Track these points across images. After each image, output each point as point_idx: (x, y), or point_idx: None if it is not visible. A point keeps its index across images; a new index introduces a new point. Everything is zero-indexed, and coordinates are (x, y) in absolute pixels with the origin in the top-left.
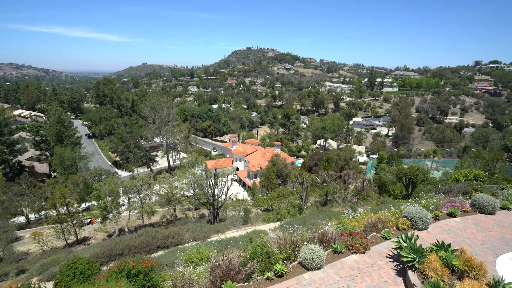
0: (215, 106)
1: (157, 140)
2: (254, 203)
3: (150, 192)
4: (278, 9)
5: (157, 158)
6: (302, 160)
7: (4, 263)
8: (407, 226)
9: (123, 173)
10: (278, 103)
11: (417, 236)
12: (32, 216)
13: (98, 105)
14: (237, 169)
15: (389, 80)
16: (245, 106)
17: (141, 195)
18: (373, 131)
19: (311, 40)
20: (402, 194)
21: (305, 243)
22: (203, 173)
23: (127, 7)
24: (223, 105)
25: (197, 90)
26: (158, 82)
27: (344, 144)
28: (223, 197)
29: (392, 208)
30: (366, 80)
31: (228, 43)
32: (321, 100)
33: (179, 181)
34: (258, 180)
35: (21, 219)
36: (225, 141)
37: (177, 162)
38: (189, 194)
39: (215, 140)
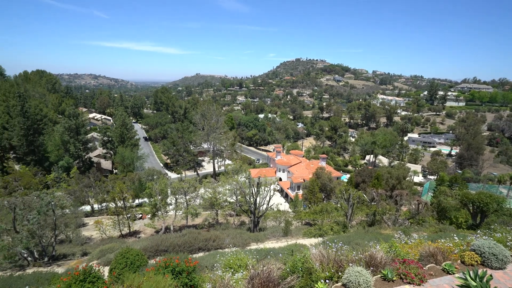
0: (261, 115)
1: (205, 146)
2: (295, 215)
3: (195, 195)
4: (329, 20)
5: (203, 163)
6: (348, 176)
7: (72, 244)
8: (476, 262)
9: (172, 175)
10: (326, 115)
11: (491, 275)
12: (96, 206)
13: (155, 111)
14: (280, 179)
15: (454, 93)
16: (291, 117)
17: (187, 197)
18: (432, 149)
19: (364, 51)
20: (467, 224)
21: (350, 264)
22: (247, 181)
23: (185, 23)
24: (269, 115)
25: (245, 100)
26: (209, 91)
27: (397, 161)
28: (265, 206)
29: (455, 238)
30: (425, 93)
31: (277, 55)
32: (372, 113)
33: (223, 186)
34: (300, 192)
35: (87, 208)
36: (269, 151)
37: (222, 168)
38: (232, 200)
39: (259, 149)
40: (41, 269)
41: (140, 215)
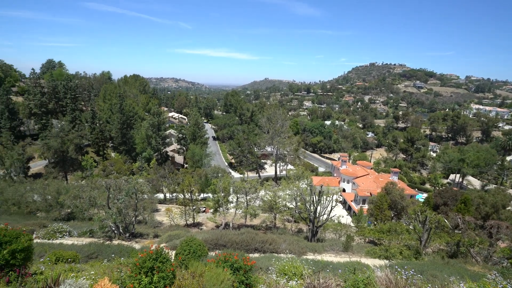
0: (328, 122)
1: (268, 149)
2: (358, 231)
3: (255, 196)
4: (412, 20)
5: (266, 166)
6: (425, 195)
7: (147, 226)
8: None
9: (236, 174)
10: (401, 125)
11: None
12: (168, 195)
13: (224, 113)
14: (344, 190)
15: None
16: (360, 125)
17: (248, 197)
18: None
19: (455, 53)
20: None
21: None
22: (308, 188)
23: (257, 29)
24: (337, 122)
25: (312, 105)
26: (276, 95)
27: (494, 185)
28: (325, 216)
29: None
30: None
31: (349, 59)
32: (461, 126)
33: (283, 191)
34: (366, 206)
35: (161, 195)
36: (334, 159)
37: (284, 172)
38: (291, 206)
39: (323, 156)
40: (123, 242)
41: (204, 209)
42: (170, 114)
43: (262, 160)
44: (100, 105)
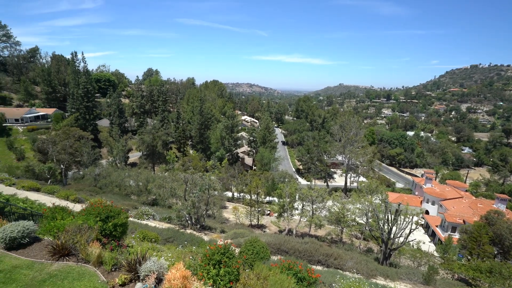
0: (410, 133)
1: (339, 158)
2: (444, 263)
3: (322, 205)
4: None
5: (335, 176)
6: None
7: (215, 220)
8: None
9: (302, 181)
10: None
11: None
12: (235, 194)
13: (295, 118)
14: (427, 212)
15: None
16: (453, 138)
17: (314, 206)
18: None
19: None
20: None
21: None
22: (382, 204)
23: (333, 33)
24: (422, 133)
25: (391, 113)
26: (351, 102)
27: None
28: (401, 239)
29: None
30: None
31: (442, 61)
32: None
33: (353, 204)
34: (456, 236)
35: (229, 194)
36: (416, 176)
37: (354, 184)
38: (361, 222)
39: (402, 171)
40: (194, 232)
41: (268, 212)
42: (243, 117)
43: (332, 169)
44: (184, 107)
